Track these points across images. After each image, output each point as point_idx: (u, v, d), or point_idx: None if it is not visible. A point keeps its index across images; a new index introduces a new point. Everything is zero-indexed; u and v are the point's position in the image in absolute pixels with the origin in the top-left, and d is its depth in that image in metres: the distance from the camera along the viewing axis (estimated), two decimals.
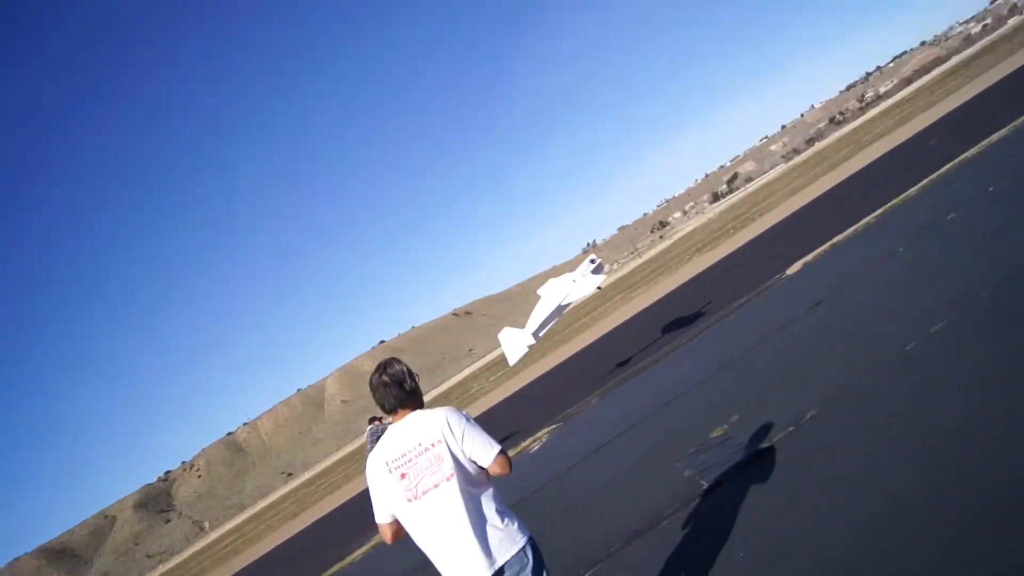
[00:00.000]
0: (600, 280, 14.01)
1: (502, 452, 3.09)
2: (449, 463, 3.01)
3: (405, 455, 3.05)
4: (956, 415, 4.20)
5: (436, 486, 2.98)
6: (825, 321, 8.12)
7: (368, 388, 3.25)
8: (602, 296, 46.91)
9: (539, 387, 23.50)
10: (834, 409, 5.38)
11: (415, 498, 3.01)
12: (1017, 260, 6.25)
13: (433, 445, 3.03)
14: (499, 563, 2.96)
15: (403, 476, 3.03)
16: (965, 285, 6.37)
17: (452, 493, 2.98)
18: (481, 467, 3.09)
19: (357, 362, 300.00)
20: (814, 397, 5.83)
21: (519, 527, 3.10)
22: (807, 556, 3.71)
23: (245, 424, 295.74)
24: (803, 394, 6.09)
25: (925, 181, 13.87)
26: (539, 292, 13.92)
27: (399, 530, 3.20)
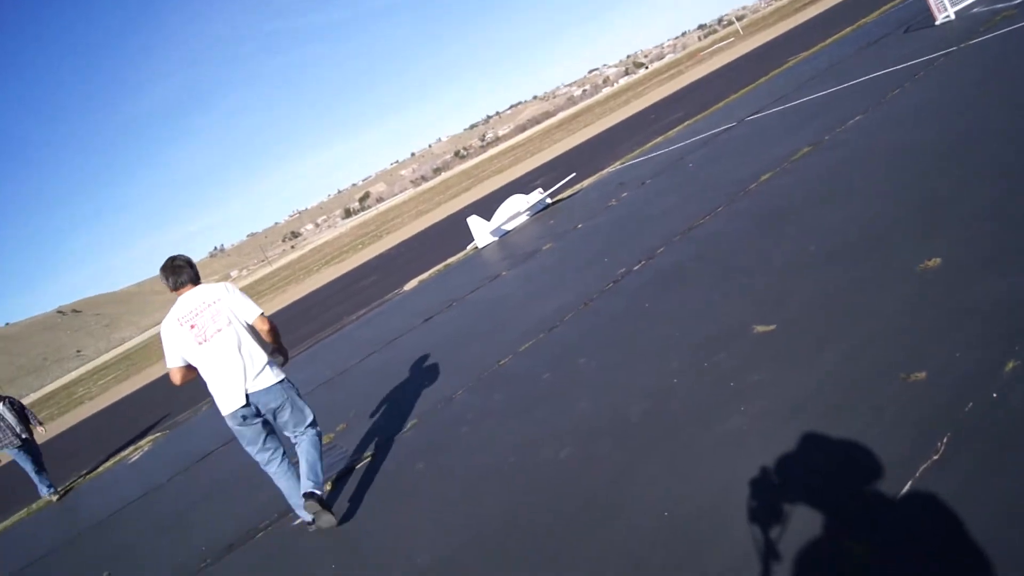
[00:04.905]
0: (546, 197, 15.29)
1: (262, 314, 4.20)
2: (226, 315, 4.11)
3: (192, 311, 4.11)
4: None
5: (219, 331, 4.08)
6: (435, 333, 8.59)
7: None
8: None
9: (147, 395, 22.03)
10: (431, 419, 5.67)
11: (204, 341, 4.07)
12: None
13: (214, 303, 4.13)
14: (253, 389, 4.10)
15: (192, 327, 4.08)
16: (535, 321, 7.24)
17: (229, 336, 4.09)
18: (249, 324, 4.19)
19: None
20: (415, 411, 6.09)
21: (277, 371, 4.27)
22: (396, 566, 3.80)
23: None
24: (405, 406, 6.32)
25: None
26: (504, 203, 15.04)
27: (187, 375, 4.26)
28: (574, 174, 16.78)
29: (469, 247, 15.16)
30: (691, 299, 5.38)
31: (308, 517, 4.55)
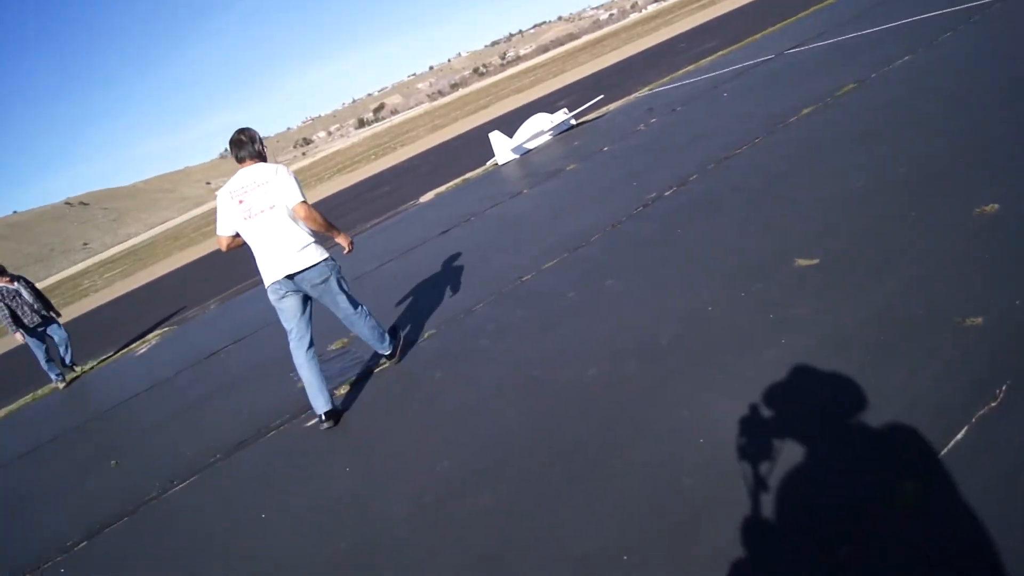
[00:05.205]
0: (571, 118, 14.96)
1: (303, 202, 4.37)
2: (273, 197, 4.34)
3: (243, 188, 4.37)
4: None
5: (262, 211, 4.33)
6: (453, 246, 8.43)
7: None
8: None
9: (156, 289, 22.11)
10: (450, 330, 5.58)
11: (249, 217, 4.35)
12: None
13: (264, 184, 4.35)
14: (300, 267, 4.42)
15: (240, 202, 4.35)
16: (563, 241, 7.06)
17: (273, 217, 4.34)
18: (291, 208, 4.35)
19: None
20: (433, 320, 6.00)
21: (322, 250, 4.56)
22: (407, 474, 3.78)
23: None
24: (422, 315, 6.25)
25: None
26: (527, 121, 14.83)
27: (232, 243, 4.57)
28: (601, 96, 16.31)
29: (489, 163, 14.85)
30: (727, 228, 5.21)
31: (323, 410, 4.57)
